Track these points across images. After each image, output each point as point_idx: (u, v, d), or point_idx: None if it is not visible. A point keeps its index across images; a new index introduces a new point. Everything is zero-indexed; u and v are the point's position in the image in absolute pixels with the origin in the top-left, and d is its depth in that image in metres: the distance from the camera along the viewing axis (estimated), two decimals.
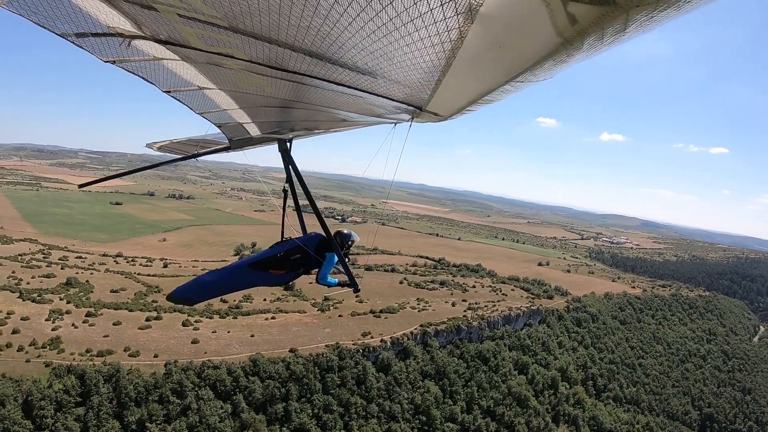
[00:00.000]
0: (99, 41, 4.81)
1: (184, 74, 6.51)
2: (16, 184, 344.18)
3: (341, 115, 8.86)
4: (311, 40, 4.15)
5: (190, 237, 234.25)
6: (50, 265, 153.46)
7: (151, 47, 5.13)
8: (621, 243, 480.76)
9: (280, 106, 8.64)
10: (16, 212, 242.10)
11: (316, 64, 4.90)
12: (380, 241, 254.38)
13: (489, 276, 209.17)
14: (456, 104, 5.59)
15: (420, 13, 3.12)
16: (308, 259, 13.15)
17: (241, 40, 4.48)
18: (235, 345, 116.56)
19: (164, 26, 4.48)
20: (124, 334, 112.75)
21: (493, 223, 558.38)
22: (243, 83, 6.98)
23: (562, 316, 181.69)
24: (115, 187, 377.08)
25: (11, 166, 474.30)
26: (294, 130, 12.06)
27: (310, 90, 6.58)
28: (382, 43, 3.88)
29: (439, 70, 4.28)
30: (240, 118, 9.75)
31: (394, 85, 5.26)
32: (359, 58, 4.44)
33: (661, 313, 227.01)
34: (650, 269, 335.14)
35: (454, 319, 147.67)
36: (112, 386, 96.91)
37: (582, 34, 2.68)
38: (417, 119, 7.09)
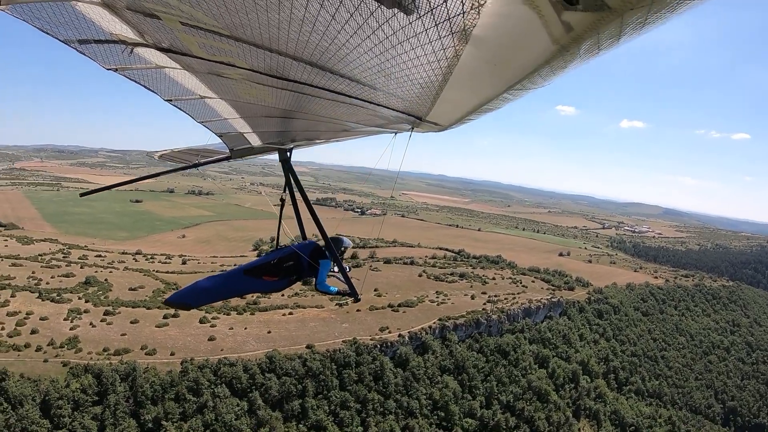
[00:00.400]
0: (102, 48, 4.76)
1: (185, 83, 6.51)
2: (36, 185, 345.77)
3: (342, 125, 8.92)
4: (310, 53, 4.20)
5: (208, 233, 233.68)
6: (70, 264, 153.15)
7: (153, 55, 5.12)
8: (643, 232, 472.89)
9: (281, 116, 8.69)
10: (36, 213, 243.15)
11: (317, 73, 4.88)
12: (400, 234, 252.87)
13: (509, 267, 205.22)
14: (455, 115, 5.67)
15: (415, 32, 3.22)
16: (301, 267, 13.11)
17: (243, 49, 4.50)
18: (252, 342, 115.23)
19: (166, 34, 4.52)
20: (141, 333, 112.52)
21: (514, 213, 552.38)
22: (244, 93, 7.00)
23: (583, 308, 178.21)
24: (134, 185, 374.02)
25: (32, 167, 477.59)
26: (295, 140, 12.19)
27: (311, 100, 6.58)
28: (379, 59, 3.96)
29: (437, 85, 4.33)
30: (241, 127, 9.80)
31: (393, 97, 5.30)
32: (358, 72, 4.50)
33: (684, 304, 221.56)
34: (673, 258, 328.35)
35: (473, 312, 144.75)
36: (128, 385, 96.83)
37: (578, 41, 2.70)
38: (417, 129, 7.12)
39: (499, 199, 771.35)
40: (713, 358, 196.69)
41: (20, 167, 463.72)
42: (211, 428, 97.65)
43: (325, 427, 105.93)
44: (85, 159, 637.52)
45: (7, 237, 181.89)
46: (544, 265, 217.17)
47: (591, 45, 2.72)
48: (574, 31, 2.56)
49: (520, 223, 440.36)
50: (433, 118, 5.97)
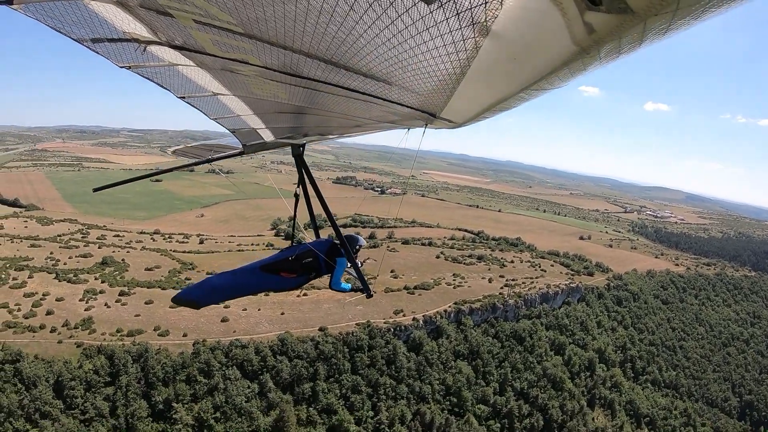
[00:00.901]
0: (115, 46, 4.77)
1: (198, 80, 6.49)
2: (58, 166, 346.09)
3: (355, 121, 8.79)
4: (326, 47, 4.14)
5: (227, 212, 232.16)
6: (88, 244, 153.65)
7: (166, 53, 5.15)
8: (665, 217, 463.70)
9: (293, 112, 8.64)
10: (57, 193, 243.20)
11: (330, 70, 4.86)
12: (419, 213, 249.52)
13: (528, 250, 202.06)
14: (470, 112, 5.62)
15: (435, 21, 3.17)
16: (319, 264, 12.80)
17: (256, 47, 4.50)
18: (265, 323, 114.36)
19: (180, 32, 4.54)
20: (155, 313, 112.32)
21: (535, 194, 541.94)
22: (257, 89, 6.97)
23: (602, 294, 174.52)
24: (155, 164, 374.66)
25: (54, 147, 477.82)
26: (307, 135, 11.80)
27: (324, 96, 6.54)
28: (397, 50, 3.87)
29: (454, 78, 4.24)
30: (254, 123, 9.72)
31: (408, 92, 5.19)
32: (374, 65, 4.43)
33: (705, 293, 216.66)
34: (695, 245, 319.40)
35: (490, 296, 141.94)
36: (140, 366, 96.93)
37: (599, 43, 2.69)
38: (431, 125, 6.91)
39: (521, 180, 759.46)
40: (732, 350, 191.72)
41: (42, 148, 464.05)
42: (221, 410, 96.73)
43: (335, 411, 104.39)
44: (106, 139, 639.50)
45: (28, 218, 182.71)
46: (563, 249, 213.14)
47: (611, 48, 2.71)
48: (596, 33, 2.54)
49: (541, 205, 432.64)
50: (448, 114, 5.78)
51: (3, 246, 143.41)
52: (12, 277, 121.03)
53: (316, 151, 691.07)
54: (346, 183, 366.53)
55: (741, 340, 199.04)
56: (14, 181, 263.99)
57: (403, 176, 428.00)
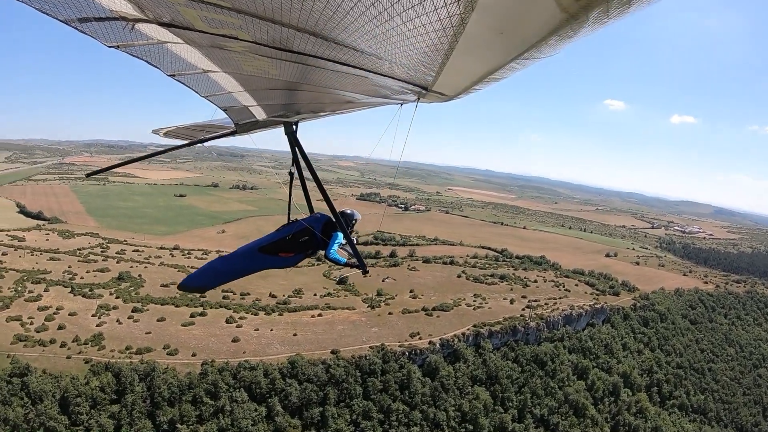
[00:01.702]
0: (102, 26, 4.69)
1: (188, 57, 6.37)
2: (84, 180, 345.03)
3: (347, 97, 8.79)
4: (314, 22, 4.14)
5: (248, 228, 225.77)
6: (106, 259, 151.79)
7: (154, 31, 5.04)
8: (693, 233, 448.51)
9: (285, 88, 8.57)
10: (81, 207, 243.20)
11: (320, 44, 4.88)
12: (442, 231, 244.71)
13: (552, 269, 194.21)
14: (462, 84, 5.58)
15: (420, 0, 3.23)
16: (316, 241, 12.78)
17: (245, 21, 4.43)
18: (276, 345, 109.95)
19: (167, 9, 4.45)
20: (165, 331, 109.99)
21: (561, 210, 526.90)
22: (248, 66, 6.89)
23: (627, 315, 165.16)
24: (180, 179, 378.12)
25: (82, 161, 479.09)
26: (300, 113, 11.64)
27: (315, 71, 6.57)
28: (384, 27, 3.91)
29: (443, 53, 4.30)
30: (245, 101, 9.52)
31: (398, 66, 5.27)
32: (363, 41, 4.47)
33: (735, 312, 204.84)
34: (724, 262, 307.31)
35: (510, 318, 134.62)
36: (146, 385, 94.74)
37: (587, 8, 2.65)
38: (423, 100, 7.00)
39: (547, 196, 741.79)
40: (763, 371, 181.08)
41: (70, 162, 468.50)
42: None
43: None
44: (133, 154, 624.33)
45: (50, 231, 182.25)
46: (589, 267, 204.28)
47: (600, 13, 2.67)
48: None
49: (566, 222, 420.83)
50: (440, 88, 5.76)
51: (23, 258, 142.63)
52: (28, 290, 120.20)
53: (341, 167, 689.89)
54: (369, 199, 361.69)
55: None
56: (40, 194, 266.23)
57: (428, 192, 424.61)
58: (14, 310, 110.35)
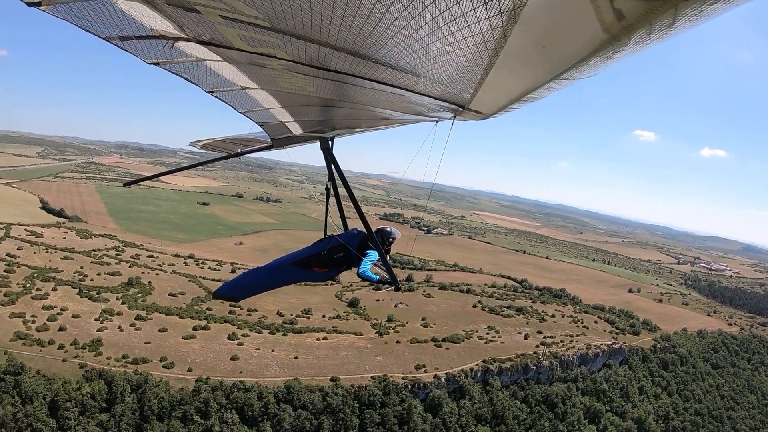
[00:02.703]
0: (143, 44, 4.84)
1: (226, 75, 6.55)
2: (110, 180, 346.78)
3: (383, 114, 8.69)
4: (353, 40, 4.12)
5: (267, 242, 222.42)
6: (120, 262, 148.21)
7: (193, 49, 5.17)
8: (720, 270, 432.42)
9: (321, 105, 8.60)
10: (103, 207, 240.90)
11: (357, 63, 4.85)
12: (462, 257, 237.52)
13: (572, 303, 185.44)
14: (499, 102, 5.39)
15: (463, 12, 3.15)
16: (351, 257, 12.48)
17: (283, 40, 4.49)
18: (275, 366, 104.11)
19: (207, 28, 4.55)
20: (165, 343, 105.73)
21: (586, 240, 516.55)
22: (285, 83, 6.96)
23: (647, 356, 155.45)
24: (205, 187, 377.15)
25: (110, 162, 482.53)
26: (336, 129, 11.62)
27: (352, 89, 6.55)
28: (424, 42, 3.82)
29: (482, 68, 4.18)
30: (282, 117, 9.69)
31: (435, 83, 5.16)
32: (401, 56, 4.40)
33: (759, 357, 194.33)
34: (750, 302, 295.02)
35: (523, 355, 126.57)
36: (137, 397, 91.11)
37: (629, 30, 2.60)
38: (459, 117, 6.80)
39: (572, 225, 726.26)
40: None
41: (99, 162, 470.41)
42: None
43: None
44: (163, 159, 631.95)
45: (69, 229, 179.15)
46: (610, 303, 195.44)
47: (642, 35, 2.61)
48: (626, 20, 2.46)
49: (590, 253, 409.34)
50: (476, 105, 5.53)
51: (37, 255, 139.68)
52: (36, 288, 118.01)
53: (367, 185, 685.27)
54: (393, 219, 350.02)
55: None
56: (64, 192, 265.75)
57: (452, 215, 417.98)
58: (19, 306, 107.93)
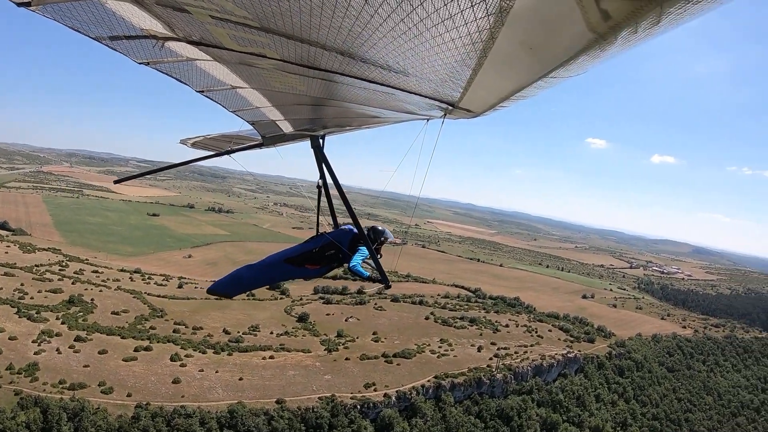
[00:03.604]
0: (133, 44, 4.82)
1: (216, 74, 6.50)
2: (58, 191, 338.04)
3: (373, 112, 8.63)
4: (343, 40, 4.13)
5: (217, 254, 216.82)
6: (62, 279, 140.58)
7: (183, 48, 5.12)
8: (672, 273, 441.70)
9: (312, 103, 8.59)
10: (49, 219, 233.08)
11: (348, 62, 4.87)
12: (416, 266, 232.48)
13: (526, 312, 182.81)
14: (488, 101, 5.48)
15: (450, 14, 3.17)
16: (341, 254, 12.51)
17: (273, 40, 4.47)
18: (219, 389, 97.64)
19: (196, 28, 4.50)
20: (105, 366, 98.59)
21: (539, 247, 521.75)
22: (275, 82, 6.91)
23: (602, 363, 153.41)
24: (156, 197, 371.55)
25: (60, 171, 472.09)
26: (326, 127, 11.66)
27: (342, 87, 6.57)
28: (413, 43, 3.86)
29: (471, 68, 4.23)
30: (272, 115, 9.58)
31: (426, 82, 5.20)
32: (391, 57, 4.43)
33: (713, 359, 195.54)
34: (702, 304, 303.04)
35: (476, 369, 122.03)
36: (74, 425, 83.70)
37: (615, 29, 2.63)
38: (449, 116, 6.85)
39: (526, 232, 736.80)
40: (742, 420, 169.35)
41: (48, 171, 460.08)
42: None
43: None
44: (113, 167, 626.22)
45: (11, 243, 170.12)
46: (564, 310, 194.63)
47: (629, 34, 2.65)
48: (612, 20, 2.49)
49: (544, 260, 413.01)
50: (466, 104, 5.60)
51: None
52: None
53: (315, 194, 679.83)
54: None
55: (751, 408, 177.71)
56: (10, 202, 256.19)
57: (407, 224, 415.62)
58: None
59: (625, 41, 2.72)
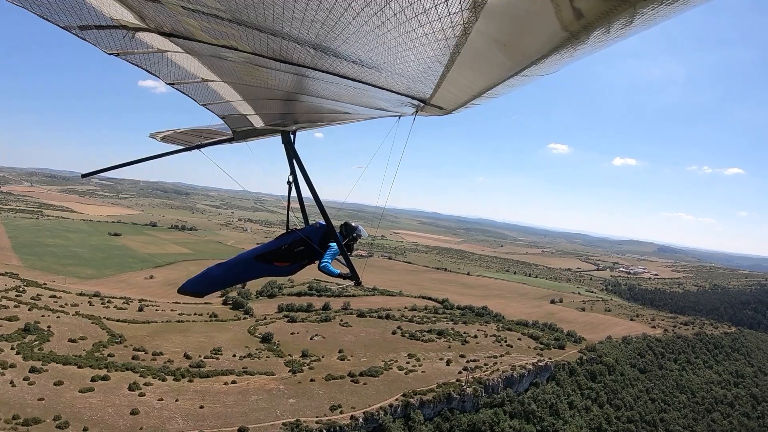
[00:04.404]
0: (103, 34, 4.64)
1: (188, 66, 6.29)
2: (17, 212, 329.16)
3: (345, 108, 8.64)
4: (315, 33, 4.07)
5: (179, 274, 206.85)
6: (19, 305, 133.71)
7: (155, 40, 4.98)
8: (639, 273, 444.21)
9: (283, 98, 8.41)
10: (8, 242, 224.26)
11: (320, 56, 4.83)
12: (382, 279, 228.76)
13: (495, 321, 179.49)
14: (460, 98, 5.51)
15: (424, 9, 3.16)
16: (312, 251, 12.33)
17: (245, 33, 4.38)
18: (178, 419, 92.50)
19: (168, 19, 4.37)
20: (60, 398, 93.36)
21: (506, 254, 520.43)
22: (247, 75, 6.77)
23: (574, 370, 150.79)
24: (119, 216, 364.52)
25: (20, 191, 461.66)
26: (298, 122, 11.41)
27: (314, 82, 6.45)
28: (386, 37, 3.82)
29: (444, 64, 4.25)
30: (243, 109, 9.29)
31: (398, 78, 5.19)
32: (364, 51, 4.39)
33: (685, 357, 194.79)
34: (670, 302, 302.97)
35: (445, 384, 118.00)
36: None
37: (588, 29, 2.64)
38: (421, 113, 6.88)
39: (493, 239, 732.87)
40: (716, 415, 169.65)
41: (7, 191, 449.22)
42: None
43: None
44: (75, 186, 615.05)
45: None
46: (533, 316, 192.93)
47: (601, 33, 2.66)
48: (585, 19, 2.49)
49: (511, 266, 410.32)
50: (438, 101, 5.72)
51: None
52: None
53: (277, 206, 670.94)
54: None
55: (725, 403, 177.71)
56: None
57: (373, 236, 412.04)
58: None
59: (598, 41, 2.73)
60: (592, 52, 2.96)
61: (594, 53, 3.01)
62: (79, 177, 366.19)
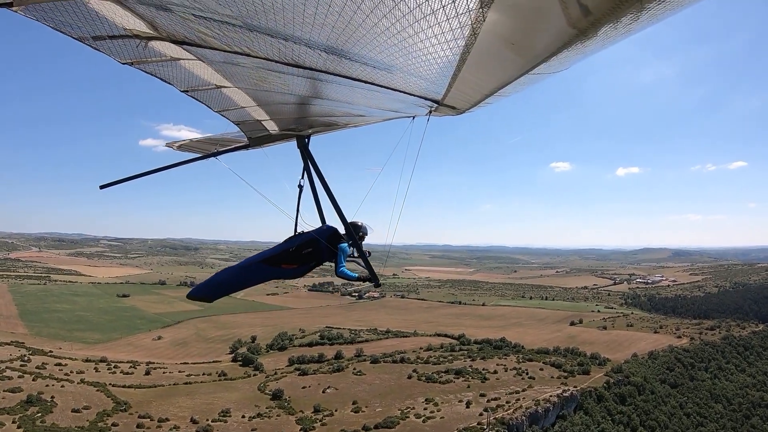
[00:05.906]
0: (116, 44, 4.72)
1: (201, 73, 6.36)
2: (25, 278, 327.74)
3: (359, 110, 8.66)
4: (326, 37, 4.08)
5: (188, 332, 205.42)
6: (23, 375, 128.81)
7: (167, 48, 5.05)
8: (657, 282, 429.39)
9: (297, 102, 8.42)
10: (15, 310, 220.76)
11: (332, 60, 4.84)
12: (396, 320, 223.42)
13: (514, 352, 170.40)
14: (473, 98, 5.50)
15: (432, 10, 3.17)
16: (320, 253, 11.88)
17: (257, 38, 4.42)
18: None
19: (180, 27, 4.41)
20: None
21: (520, 279, 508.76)
22: (260, 81, 6.81)
23: (601, 395, 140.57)
24: (127, 276, 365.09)
25: (28, 257, 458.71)
26: (312, 126, 11.23)
27: (327, 86, 6.50)
28: (396, 39, 3.85)
29: (455, 65, 4.23)
30: (258, 115, 9.34)
31: (411, 79, 5.19)
32: (375, 53, 4.39)
33: (715, 363, 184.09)
34: (692, 307, 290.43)
35: (465, 430, 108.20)
36: None
37: (596, 25, 2.63)
38: (435, 113, 6.85)
39: (505, 265, 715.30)
40: (756, 420, 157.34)
41: (15, 257, 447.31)
42: None
43: None
44: (84, 249, 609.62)
45: None
46: (554, 341, 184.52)
47: (609, 29, 2.65)
48: (592, 15, 2.49)
49: (527, 291, 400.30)
50: (451, 101, 5.73)
51: None
52: None
53: None
54: (322, 290, 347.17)
55: (763, 406, 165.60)
56: None
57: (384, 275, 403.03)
58: None
59: (606, 36, 2.71)
60: (602, 47, 2.97)
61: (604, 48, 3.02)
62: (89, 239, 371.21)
